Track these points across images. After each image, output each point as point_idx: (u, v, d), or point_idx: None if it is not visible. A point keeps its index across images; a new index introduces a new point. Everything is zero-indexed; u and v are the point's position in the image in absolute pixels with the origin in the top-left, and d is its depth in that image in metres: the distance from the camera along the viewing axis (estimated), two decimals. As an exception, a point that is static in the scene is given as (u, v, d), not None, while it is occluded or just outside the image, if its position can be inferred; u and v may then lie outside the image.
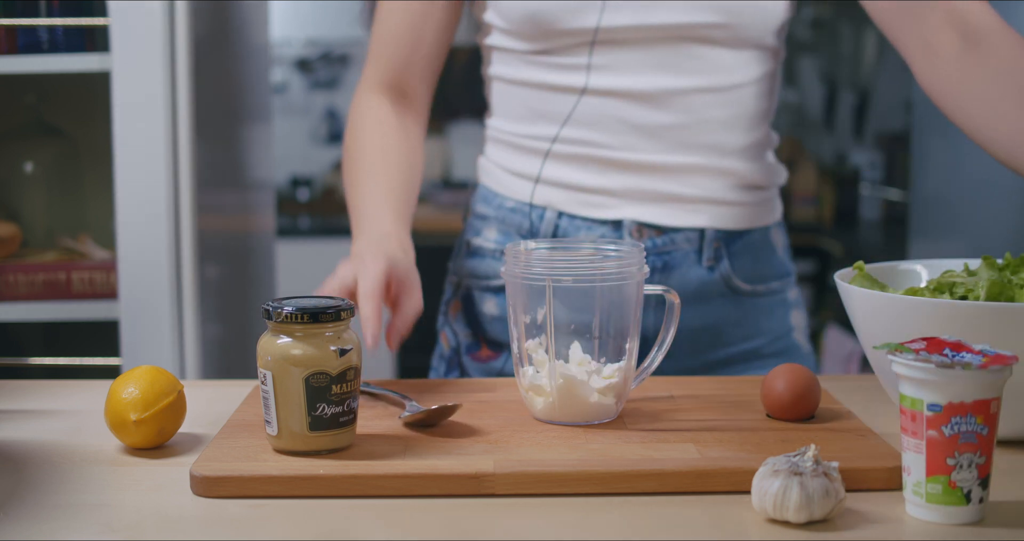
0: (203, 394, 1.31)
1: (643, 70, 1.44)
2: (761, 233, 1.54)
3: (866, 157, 4.68)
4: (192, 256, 1.79)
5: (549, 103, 1.48)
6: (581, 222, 1.49)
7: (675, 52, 1.44)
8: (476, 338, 1.56)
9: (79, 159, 2.07)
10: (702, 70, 1.45)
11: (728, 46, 1.45)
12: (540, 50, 1.47)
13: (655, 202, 1.47)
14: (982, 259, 1.18)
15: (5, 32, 1.81)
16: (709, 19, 1.42)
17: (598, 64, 1.44)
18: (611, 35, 1.43)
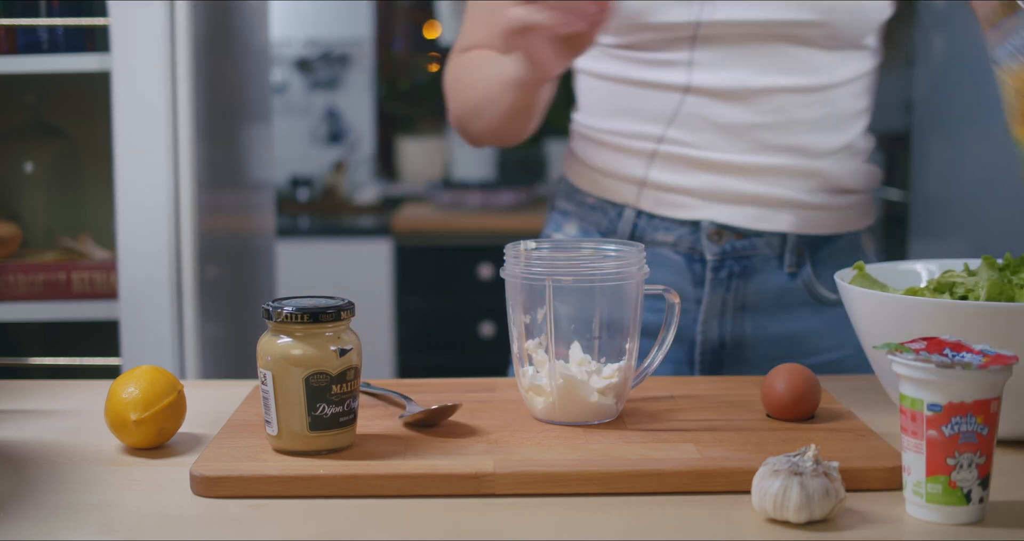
0: (203, 394, 1.31)
1: (732, 67, 1.41)
2: (850, 239, 1.50)
3: (866, 157, 4.67)
4: (192, 256, 1.79)
5: (634, 99, 1.45)
6: (659, 222, 1.46)
7: (766, 50, 1.40)
8: None
9: (79, 159, 2.07)
10: (793, 69, 1.41)
11: (822, 46, 1.41)
12: (627, 44, 1.44)
13: (736, 204, 1.44)
14: (982, 259, 1.18)
15: (5, 32, 1.81)
16: (804, 17, 1.38)
17: (688, 61, 1.41)
18: (702, 31, 1.40)
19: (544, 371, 1.15)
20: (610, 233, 1.49)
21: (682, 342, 1.48)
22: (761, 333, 1.46)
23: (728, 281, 1.45)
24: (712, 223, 1.45)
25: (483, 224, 4.07)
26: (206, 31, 1.85)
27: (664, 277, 1.46)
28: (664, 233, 1.46)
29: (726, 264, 1.44)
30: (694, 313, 1.47)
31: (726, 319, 1.46)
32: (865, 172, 1.50)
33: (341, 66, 4.70)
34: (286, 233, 4.27)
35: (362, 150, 4.65)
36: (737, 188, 1.44)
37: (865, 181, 1.51)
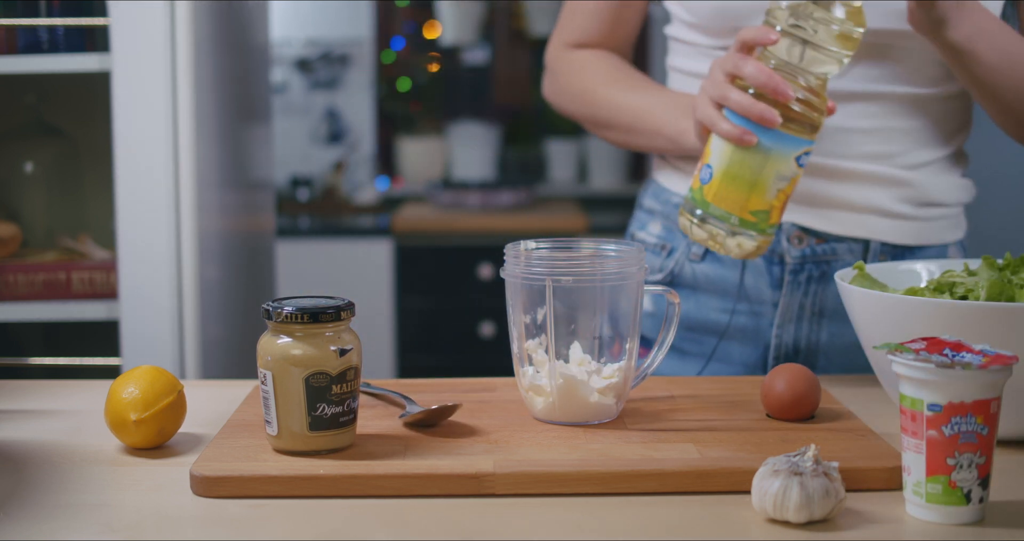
0: (203, 394, 1.31)
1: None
2: (938, 251, 1.47)
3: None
4: (192, 256, 1.78)
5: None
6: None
7: (873, 56, 1.39)
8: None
9: (79, 159, 2.07)
10: (898, 78, 1.40)
11: (922, 58, 1.39)
12: (723, 46, 1.44)
13: (819, 207, 1.43)
14: (982, 259, 1.18)
15: (5, 32, 1.81)
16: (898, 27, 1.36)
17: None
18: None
19: (544, 371, 1.15)
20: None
21: (756, 345, 1.47)
22: (837, 341, 1.45)
23: (807, 285, 1.44)
24: (794, 225, 1.43)
25: (483, 224, 4.07)
26: (206, 31, 1.85)
27: (737, 277, 1.46)
28: None
29: (806, 268, 1.43)
30: (770, 316, 1.46)
31: (802, 324, 1.45)
32: (958, 186, 1.48)
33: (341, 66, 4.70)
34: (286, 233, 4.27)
35: (362, 150, 4.64)
36: (824, 192, 1.42)
37: (957, 195, 1.48)
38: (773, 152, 1.22)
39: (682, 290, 1.49)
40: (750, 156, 1.22)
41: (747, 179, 1.22)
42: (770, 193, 1.23)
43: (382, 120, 4.71)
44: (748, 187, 1.23)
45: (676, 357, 1.51)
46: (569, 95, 1.56)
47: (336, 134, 4.90)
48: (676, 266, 1.50)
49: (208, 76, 1.85)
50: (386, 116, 4.74)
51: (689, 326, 1.50)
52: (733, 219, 1.23)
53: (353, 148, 4.66)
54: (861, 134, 1.41)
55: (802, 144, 1.22)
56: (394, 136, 4.73)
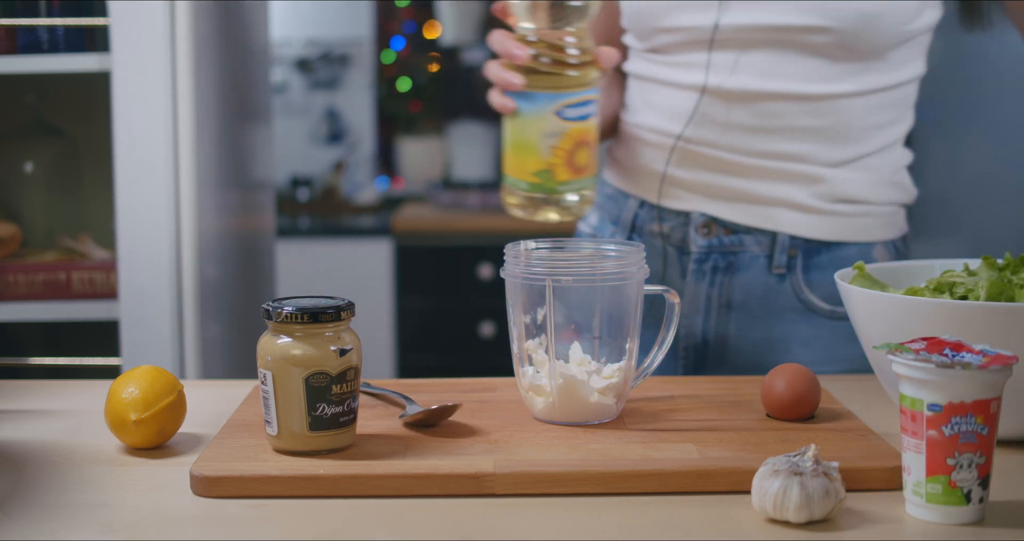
0: (203, 394, 1.31)
1: (741, 71, 1.41)
2: (859, 251, 1.46)
3: (866, 157, 4.67)
4: (192, 256, 1.78)
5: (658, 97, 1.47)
6: (657, 212, 1.48)
7: (775, 56, 1.40)
8: None
9: (79, 159, 2.07)
10: (799, 77, 1.40)
11: (831, 56, 1.39)
12: (649, 48, 1.47)
13: (728, 199, 1.44)
14: (982, 259, 1.18)
15: (5, 32, 1.81)
16: (813, 22, 1.37)
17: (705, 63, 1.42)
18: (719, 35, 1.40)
19: (544, 371, 1.15)
20: (616, 221, 1.52)
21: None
22: (745, 334, 1.45)
23: (712, 275, 1.45)
24: (702, 215, 1.45)
25: (483, 224, 4.07)
26: (206, 31, 1.85)
27: (655, 267, 1.48)
28: (659, 224, 1.47)
29: (711, 258, 1.45)
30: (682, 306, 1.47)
31: (710, 316, 1.46)
32: (885, 184, 1.47)
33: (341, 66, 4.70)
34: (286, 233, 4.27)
35: (362, 150, 4.64)
36: (733, 185, 1.44)
37: (884, 194, 1.47)
38: (529, 113, 1.23)
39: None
40: (516, 121, 1.24)
41: (521, 143, 1.24)
42: (543, 152, 1.24)
43: (382, 120, 4.71)
44: (523, 151, 1.24)
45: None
46: None
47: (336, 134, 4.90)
48: None
49: (208, 76, 1.85)
50: (386, 116, 4.74)
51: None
52: (522, 184, 1.25)
53: (353, 148, 4.66)
54: (767, 133, 1.42)
55: (556, 98, 1.22)
56: (394, 136, 4.73)
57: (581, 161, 1.25)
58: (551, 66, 1.22)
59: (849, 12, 1.36)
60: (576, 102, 1.23)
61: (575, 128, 1.24)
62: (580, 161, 1.25)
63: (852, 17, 1.37)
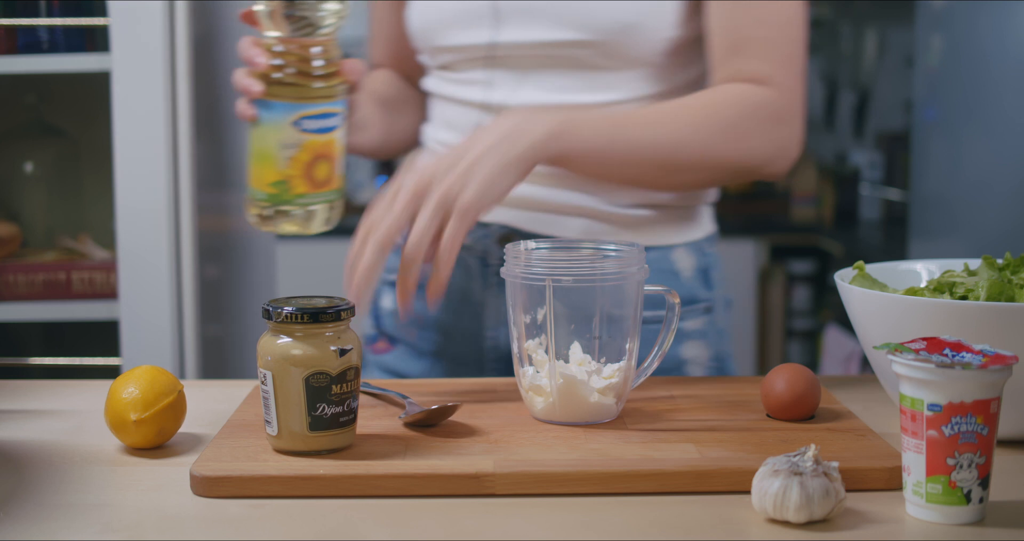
0: (203, 394, 1.31)
1: (523, 87, 1.43)
2: (659, 255, 1.46)
3: (866, 157, 4.68)
4: (192, 256, 1.79)
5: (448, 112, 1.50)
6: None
7: (553, 70, 1.42)
8: (376, 330, 1.57)
9: (79, 159, 2.07)
10: (576, 88, 1.42)
11: (603, 65, 1.41)
12: (438, 65, 1.50)
13: (528, 209, 1.44)
14: (982, 259, 1.18)
15: (5, 32, 1.81)
16: (578, 37, 1.39)
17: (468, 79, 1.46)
18: (497, 52, 1.43)
19: (544, 371, 1.15)
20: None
21: (477, 345, 1.48)
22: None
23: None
24: (502, 226, 1.45)
25: (483, 224, 4.06)
26: (206, 31, 1.85)
27: (454, 279, 1.46)
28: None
29: None
30: (484, 318, 1.47)
31: None
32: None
33: (341, 66, 4.70)
34: (286, 233, 4.26)
35: (362, 150, 4.64)
36: (530, 194, 1.43)
37: (680, 196, 1.47)
38: (267, 122, 1.21)
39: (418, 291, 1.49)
40: (256, 131, 1.22)
41: (260, 153, 1.23)
42: (280, 163, 1.22)
43: (382, 120, 4.70)
44: (261, 161, 1.23)
45: (413, 353, 1.53)
46: None
47: (336, 134, 4.89)
48: None
49: (208, 76, 1.86)
50: (386, 116, 4.73)
51: (422, 324, 1.51)
52: (260, 195, 1.24)
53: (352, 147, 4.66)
54: None
55: (294, 109, 1.21)
56: (394, 136, 4.73)
57: (320, 175, 1.23)
58: (292, 76, 1.20)
59: (607, 24, 1.38)
60: (317, 114, 1.21)
61: (314, 140, 1.22)
62: (319, 175, 1.23)
63: (610, 29, 1.38)
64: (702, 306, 1.50)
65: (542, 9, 1.40)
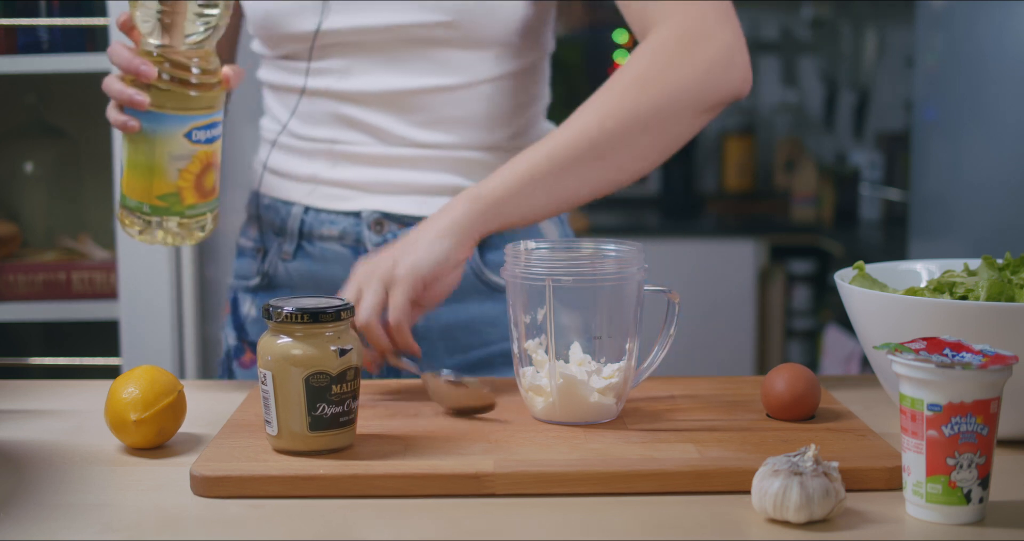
0: (203, 394, 1.31)
1: (372, 72, 1.42)
2: (527, 230, 1.47)
3: (866, 157, 4.68)
4: (192, 256, 1.79)
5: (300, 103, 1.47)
6: (325, 216, 1.46)
7: (404, 53, 1.41)
8: (240, 342, 1.54)
9: (79, 159, 2.07)
10: (433, 71, 1.41)
11: (459, 46, 1.41)
12: (282, 55, 1.47)
13: (397, 193, 1.44)
14: (982, 259, 1.18)
15: (5, 32, 1.81)
16: (437, 18, 1.38)
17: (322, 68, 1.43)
18: (334, 38, 1.41)
19: (544, 371, 1.15)
20: (281, 232, 1.49)
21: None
22: (434, 323, 1.44)
23: None
24: (374, 212, 1.44)
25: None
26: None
27: (331, 271, 1.45)
28: (330, 227, 1.45)
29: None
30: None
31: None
32: None
33: (341, 66, 4.70)
34: (286, 233, 4.26)
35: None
36: (400, 179, 1.43)
37: None
38: (156, 134, 1.20)
39: (280, 291, 1.49)
40: (139, 142, 1.21)
41: (144, 165, 1.21)
42: (171, 175, 1.21)
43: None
44: (148, 173, 1.22)
45: None
46: None
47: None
48: (270, 267, 1.50)
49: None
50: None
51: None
52: (145, 207, 1.23)
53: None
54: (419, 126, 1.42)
55: (185, 120, 1.20)
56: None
57: (208, 184, 1.24)
58: (179, 85, 1.19)
59: (468, 4, 1.38)
60: (205, 124, 1.21)
61: (204, 151, 1.22)
62: (207, 184, 1.24)
63: (471, 8, 1.38)
64: None
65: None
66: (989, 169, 2.95)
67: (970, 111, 3.06)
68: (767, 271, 4.51)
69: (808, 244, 4.55)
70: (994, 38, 2.93)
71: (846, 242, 4.25)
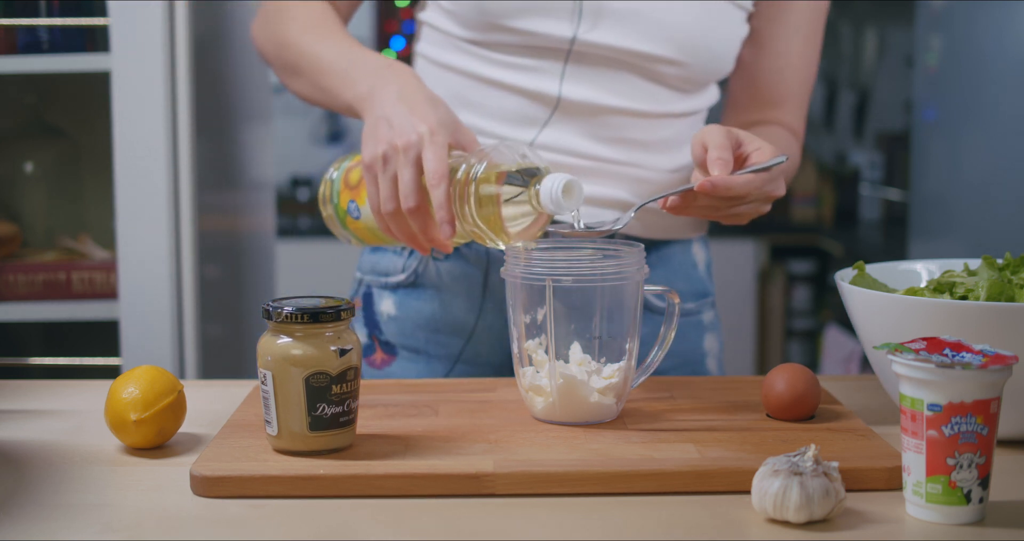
0: (203, 394, 1.31)
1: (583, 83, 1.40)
2: (681, 247, 1.50)
3: (866, 157, 4.69)
4: (192, 256, 1.79)
5: (487, 98, 1.43)
6: None
7: (617, 76, 1.40)
8: (372, 339, 1.51)
9: (79, 159, 2.07)
10: (637, 96, 1.41)
11: (672, 86, 1.43)
12: (480, 41, 1.42)
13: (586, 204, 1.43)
14: (982, 259, 1.18)
15: (5, 32, 1.81)
16: (664, 53, 1.39)
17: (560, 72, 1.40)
18: (576, 48, 1.39)
19: (544, 371, 1.15)
20: None
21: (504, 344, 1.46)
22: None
23: None
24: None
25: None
26: (205, 31, 1.85)
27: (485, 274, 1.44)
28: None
29: None
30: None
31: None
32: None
33: (341, 66, 4.70)
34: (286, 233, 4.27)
35: (362, 150, 4.64)
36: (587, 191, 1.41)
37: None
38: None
39: (427, 290, 1.47)
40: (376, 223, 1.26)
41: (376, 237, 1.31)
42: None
43: (382, 120, 4.70)
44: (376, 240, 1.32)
45: (422, 360, 1.47)
46: (267, 34, 1.48)
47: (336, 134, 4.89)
48: (420, 265, 1.47)
49: (207, 76, 1.86)
50: (386, 116, 4.72)
51: (436, 328, 1.47)
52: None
53: (353, 148, 4.66)
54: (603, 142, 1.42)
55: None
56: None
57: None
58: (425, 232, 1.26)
59: (701, 50, 1.40)
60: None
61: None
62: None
63: (702, 54, 1.41)
64: (711, 299, 1.54)
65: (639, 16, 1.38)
66: (989, 169, 2.95)
67: (970, 111, 3.06)
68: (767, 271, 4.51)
69: (808, 244, 4.56)
70: (994, 38, 2.93)
71: (846, 242, 4.25)
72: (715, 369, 1.53)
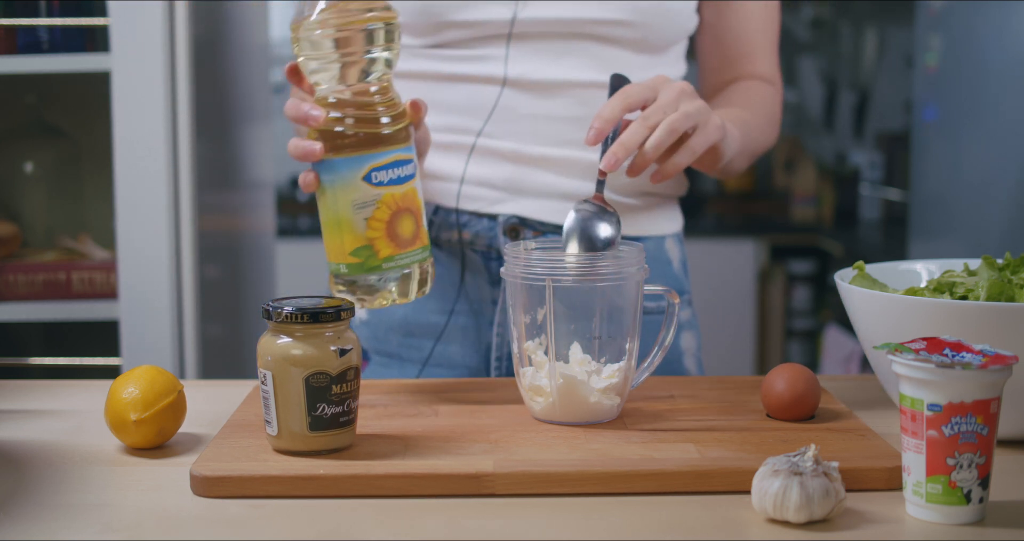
0: (203, 394, 1.31)
1: (539, 62, 1.39)
2: (654, 244, 1.48)
3: (866, 157, 4.68)
4: (192, 256, 1.79)
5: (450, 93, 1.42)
6: (456, 217, 1.42)
7: (574, 47, 1.39)
8: None
9: (79, 159, 2.07)
10: (599, 67, 1.40)
11: (629, 48, 1.41)
12: (435, 44, 1.42)
13: (533, 197, 1.41)
14: (982, 259, 1.18)
15: (5, 32, 1.81)
16: (614, 16, 1.38)
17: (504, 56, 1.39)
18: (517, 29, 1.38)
19: (544, 371, 1.15)
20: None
21: (477, 346, 1.44)
22: None
23: None
24: (511, 217, 1.41)
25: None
26: (205, 31, 1.85)
27: (453, 276, 1.43)
28: (458, 231, 1.42)
29: None
30: (490, 315, 1.43)
31: None
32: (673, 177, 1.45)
33: (341, 66, 4.70)
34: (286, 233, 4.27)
35: (362, 150, 4.64)
36: (541, 180, 1.41)
37: (672, 187, 1.49)
38: (334, 184, 1.13)
39: None
40: (323, 198, 1.15)
41: (333, 222, 1.14)
42: (359, 227, 1.13)
43: (382, 120, 4.70)
44: (337, 229, 1.15)
45: (395, 364, 1.46)
46: None
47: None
48: None
49: (207, 76, 1.86)
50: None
51: (408, 331, 1.46)
52: (342, 268, 1.15)
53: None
54: (570, 122, 1.40)
55: (360, 162, 1.12)
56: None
57: (405, 232, 1.15)
58: (356, 124, 1.12)
59: (647, 6, 1.40)
60: (387, 163, 1.13)
61: (390, 193, 1.13)
62: (404, 232, 1.14)
63: (650, 11, 1.40)
64: (687, 297, 1.53)
65: None
66: (989, 169, 2.95)
67: (970, 111, 3.05)
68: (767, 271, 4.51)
69: (808, 244, 4.55)
70: (994, 38, 2.93)
71: (846, 242, 4.25)
72: (693, 368, 1.51)
